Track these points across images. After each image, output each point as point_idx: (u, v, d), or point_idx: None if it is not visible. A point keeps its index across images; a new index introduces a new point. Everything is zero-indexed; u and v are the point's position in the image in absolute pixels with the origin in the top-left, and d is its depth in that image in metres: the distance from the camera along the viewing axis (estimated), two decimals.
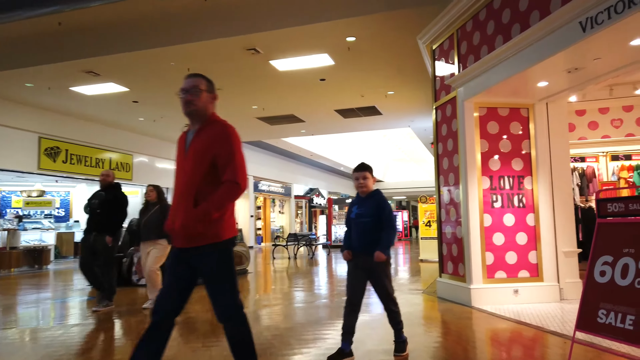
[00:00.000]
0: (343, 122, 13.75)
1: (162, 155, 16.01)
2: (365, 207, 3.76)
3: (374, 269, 3.70)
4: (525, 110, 6.07)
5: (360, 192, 3.85)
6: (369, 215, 3.69)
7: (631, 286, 2.82)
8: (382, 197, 3.81)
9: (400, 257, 14.71)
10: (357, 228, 3.78)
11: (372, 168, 3.94)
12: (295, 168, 24.68)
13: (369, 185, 3.81)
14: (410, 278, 9.03)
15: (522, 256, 5.87)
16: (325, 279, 9.38)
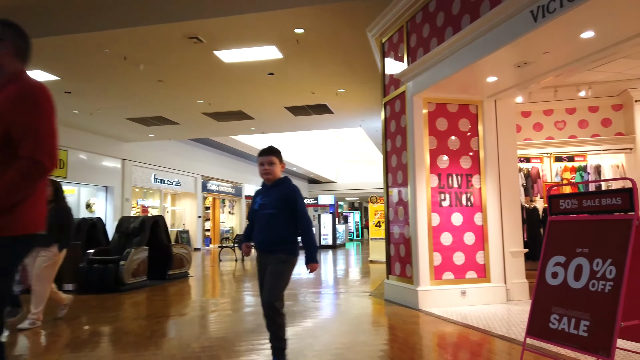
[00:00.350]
0: (294, 120, 13.36)
1: (101, 152, 14.99)
2: (270, 197, 3.28)
3: (270, 267, 3.26)
4: (475, 107, 5.90)
5: (266, 180, 3.36)
6: (273, 206, 3.22)
7: (585, 289, 2.59)
8: (292, 187, 3.33)
9: (351, 258, 14.46)
10: (260, 221, 3.29)
11: (280, 152, 3.43)
12: (247, 168, 24.03)
13: (275, 172, 3.32)
14: (359, 279, 8.74)
15: (470, 257, 5.69)
16: None
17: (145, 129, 14.06)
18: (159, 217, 9.04)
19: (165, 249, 9.03)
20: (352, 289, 7.39)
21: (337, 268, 11.39)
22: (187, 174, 19.25)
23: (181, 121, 13.27)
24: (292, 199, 3.24)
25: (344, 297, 6.56)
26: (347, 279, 9.03)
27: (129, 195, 16.07)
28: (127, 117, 12.71)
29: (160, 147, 17.51)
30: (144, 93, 10.54)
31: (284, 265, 3.24)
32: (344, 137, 25.36)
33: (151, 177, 17.28)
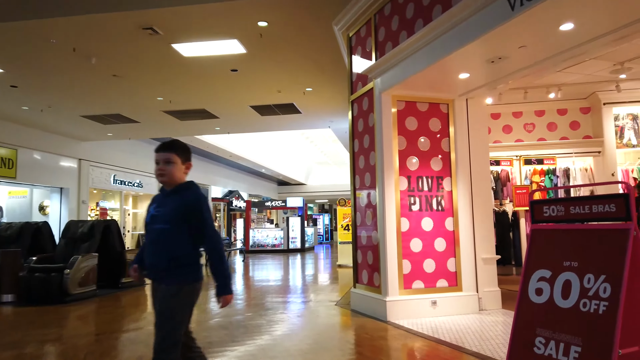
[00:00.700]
0: (260, 120, 12.84)
1: (55, 151, 14.07)
2: (165, 206, 2.51)
3: (160, 298, 2.46)
4: (445, 106, 5.58)
5: (162, 183, 2.61)
6: (165, 219, 2.46)
7: (575, 308, 2.24)
8: (196, 194, 2.55)
9: (319, 262, 14.04)
10: (149, 238, 2.53)
11: (184, 148, 2.65)
12: (213, 169, 23.29)
13: (172, 173, 2.53)
14: (327, 286, 8.32)
15: (441, 264, 5.34)
16: (233, 289, 8.40)
17: (102, 127, 13.26)
18: (111, 221, 8.37)
19: (118, 255, 8.37)
20: (318, 297, 6.96)
21: (304, 273, 10.94)
22: (149, 175, 18.41)
23: (141, 119, 12.55)
24: (194, 210, 2.47)
25: (308, 307, 6.12)
26: (314, 285, 8.59)
27: (85, 197, 15.17)
28: (82, 114, 11.92)
29: (121, 147, 16.65)
30: (98, 89, 9.83)
31: (174, 300, 2.41)
32: (314, 139, 24.97)
33: (110, 178, 16.40)
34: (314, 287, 8.35)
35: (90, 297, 7.45)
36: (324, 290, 7.78)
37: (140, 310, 6.40)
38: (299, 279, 9.67)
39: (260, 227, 18.89)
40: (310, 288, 8.19)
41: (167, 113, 11.94)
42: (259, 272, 11.24)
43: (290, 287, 8.32)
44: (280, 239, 18.33)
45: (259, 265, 13.29)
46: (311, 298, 6.92)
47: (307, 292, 7.72)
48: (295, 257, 16.16)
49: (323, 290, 7.78)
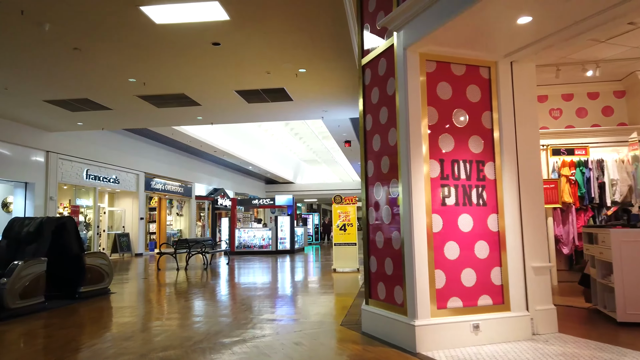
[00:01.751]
0: (247, 108, 11.42)
1: (18, 141, 12.45)
2: None
3: None
4: (486, 70, 4.25)
5: None
6: None
7: None
8: None
9: (311, 266, 12.65)
10: None
11: None
12: (198, 165, 21.76)
13: None
14: (324, 297, 6.94)
15: (483, 275, 4.02)
16: (212, 301, 6.97)
17: (70, 115, 11.69)
18: (66, 219, 6.87)
19: (75, 259, 6.89)
20: (316, 312, 5.58)
21: (296, 279, 9.54)
22: (127, 170, 16.83)
23: (113, 106, 11.03)
24: None
25: (306, 328, 4.74)
26: (309, 295, 7.21)
27: (54, 193, 13.56)
28: (45, 98, 10.37)
29: (94, 139, 15.06)
30: (59, 66, 8.31)
31: None
32: (303, 135, 23.60)
33: (83, 173, 14.80)
34: (310, 297, 6.98)
35: (37, 312, 5.97)
36: (322, 303, 6.40)
37: (98, 328, 4.96)
38: (290, 287, 8.28)
39: (246, 227, 17.43)
40: (305, 299, 6.81)
41: (142, 98, 10.45)
42: (245, 277, 9.82)
43: (280, 298, 6.93)
44: (268, 239, 16.91)
45: (245, 268, 11.87)
46: (308, 314, 5.54)
47: (301, 304, 6.34)
48: (285, 259, 14.75)
49: (321, 303, 6.41)
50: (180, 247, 11.80)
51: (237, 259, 14.94)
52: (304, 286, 8.23)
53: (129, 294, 7.55)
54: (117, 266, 13.13)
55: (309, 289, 7.89)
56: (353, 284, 8.36)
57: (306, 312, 5.68)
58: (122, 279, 9.70)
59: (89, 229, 15.59)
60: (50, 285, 6.71)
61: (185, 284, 8.86)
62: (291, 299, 6.84)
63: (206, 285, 8.63)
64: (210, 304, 6.50)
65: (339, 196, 10.51)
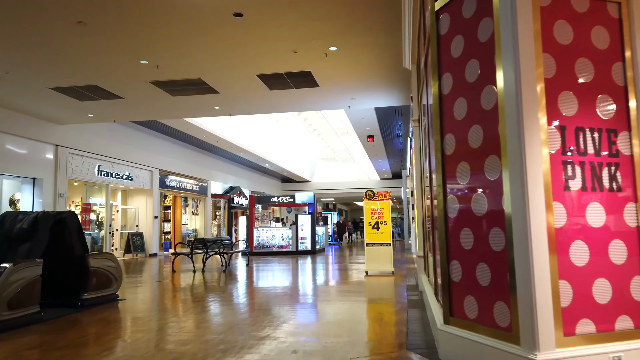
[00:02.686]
0: (268, 96, 10.35)
1: (25, 134, 11.54)
2: None
3: None
4: (615, 6, 3.09)
5: None
6: None
7: None
8: None
9: (335, 267, 11.52)
10: None
11: None
12: (213, 163, 20.78)
13: None
14: (362, 307, 5.80)
15: (621, 287, 2.85)
16: (234, 311, 5.88)
17: (79, 105, 10.73)
18: (67, 214, 5.83)
19: (77, 261, 5.85)
20: (362, 332, 4.45)
21: (324, 285, 8.42)
22: (140, 167, 15.88)
23: (124, 94, 10.03)
24: None
25: (361, 358, 3.61)
26: (346, 306, 6.08)
27: (63, 189, 12.63)
28: (51, 85, 9.40)
29: (106, 133, 14.12)
30: (63, 44, 7.30)
31: None
32: (321, 131, 22.51)
33: (94, 169, 13.87)
34: (349, 307, 5.85)
35: (30, 324, 4.94)
36: (367, 315, 5.27)
37: (101, 348, 3.89)
38: (322, 294, 7.16)
39: (265, 226, 16.37)
40: (345, 309, 5.69)
41: (156, 85, 9.43)
42: (267, 281, 8.73)
43: (314, 308, 5.81)
44: (288, 239, 15.81)
45: (266, 270, 10.78)
46: (356, 331, 4.42)
47: (343, 317, 5.22)
48: (306, 260, 13.65)
49: (365, 315, 5.28)
50: (197, 247, 10.75)
51: (256, 259, 13.87)
52: (338, 293, 7.10)
53: (140, 301, 6.49)
54: (131, 267, 12.14)
55: (345, 296, 6.76)
56: (393, 290, 7.22)
57: (352, 328, 4.56)
58: (134, 282, 8.67)
59: (102, 228, 14.66)
60: (47, 292, 5.69)
61: (202, 288, 7.79)
62: (326, 312, 5.71)
63: (225, 290, 7.55)
64: (232, 315, 5.41)
65: (371, 191, 9.37)
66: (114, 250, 15.70)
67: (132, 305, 6.14)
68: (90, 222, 14.17)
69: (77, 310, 5.72)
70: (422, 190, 6.82)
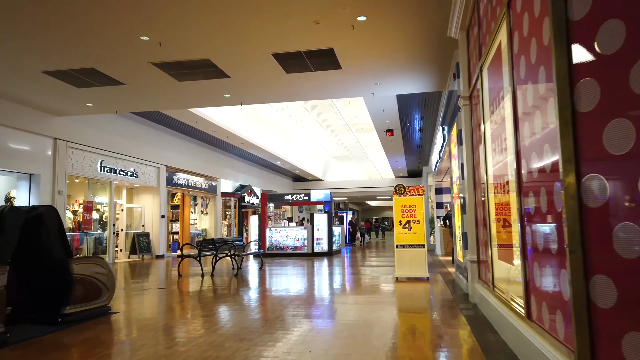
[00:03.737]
0: (285, 80, 9.18)
1: (20, 126, 10.48)
2: None
3: None
4: None
5: None
6: None
7: None
8: None
9: (359, 271, 10.30)
10: None
11: None
12: (223, 160, 19.68)
13: None
14: (408, 322, 4.59)
15: None
16: (250, 326, 4.69)
17: (77, 92, 9.65)
18: (44, 209, 4.67)
19: (57, 267, 4.71)
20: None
21: (353, 293, 7.21)
22: (146, 163, 14.80)
23: (125, 79, 8.91)
24: None
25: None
26: (391, 323, 4.87)
27: (62, 186, 11.57)
28: (43, 69, 8.31)
29: (109, 127, 13.06)
30: (53, 19, 6.19)
31: None
32: (335, 127, 21.33)
33: (97, 165, 12.80)
34: (394, 323, 4.64)
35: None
36: (424, 336, 4.06)
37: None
38: (354, 304, 5.95)
39: (278, 226, 15.21)
40: (390, 327, 4.48)
41: (159, 67, 8.30)
42: (282, 287, 7.54)
43: (343, 330, 4.61)
44: (303, 239, 14.63)
45: (282, 275, 9.61)
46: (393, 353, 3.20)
47: (394, 340, 4.01)
48: (323, 262, 12.45)
49: (422, 337, 4.07)
50: (206, 248, 9.60)
51: (269, 262, 12.70)
52: (373, 305, 5.89)
53: (137, 315, 5.33)
54: (134, 270, 11.04)
55: (382, 308, 5.55)
56: (435, 301, 6.00)
57: (418, 356, 3.35)
58: (134, 289, 7.54)
59: (105, 228, 13.59)
60: (19, 305, 4.55)
61: (211, 297, 6.62)
62: (372, 329, 4.50)
63: (237, 298, 6.37)
64: (247, 334, 4.22)
65: (402, 185, 8.14)
66: (118, 252, 14.64)
67: (127, 321, 4.98)
68: (93, 222, 13.10)
69: (57, 328, 4.57)
70: (474, 182, 5.60)
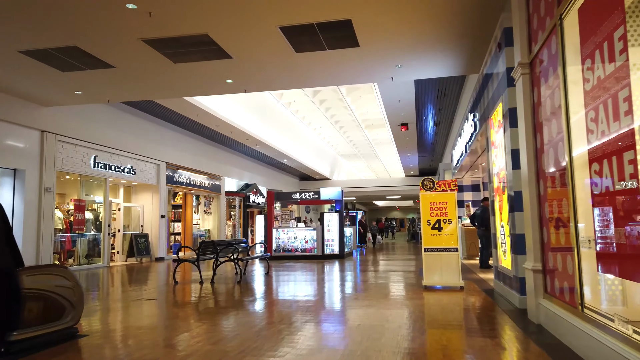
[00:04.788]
0: (294, 61, 8.00)
1: (3, 117, 9.41)
2: None
3: None
4: None
5: None
6: None
7: None
8: None
9: (378, 277, 9.08)
10: None
11: None
12: (227, 157, 18.54)
13: None
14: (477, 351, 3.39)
15: None
16: (255, 354, 3.50)
17: (62, 77, 8.52)
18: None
19: (1, 279, 3.55)
20: None
21: (380, 307, 6.00)
22: (145, 159, 13.67)
23: (114, 61, 7.77)
24: None
25: None
26: (448, 354, 3.66)
27: (51, 183, 10.46)
28: (20, 48, 7.20)
29: (103, 119, 11.95)
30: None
31: None
32: (344, 124, 20.13)
33: (90, 160, 11.68)
34: (452, 353, 3.44)
35: None
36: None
37: None
38: (386, 321, 4.75)
39: (286, 227, 14.03)
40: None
41: (151, 45, 7.14)
42: (292, 297, 6.35)
43: (371, 353, 3.41)
44: (313, 241, 13.43)
45: (289, 281, 8.43)
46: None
47: None
48: (335, 266, 11.26)
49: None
50: (205, 251, 8.43)
51: (276, 265, 11.52)
52: (407, 322, 4.69)
53: (113, 339, 4.16)
54: (127, 275, 9.90)
55: (420, 328, 4.34)
56: (481, 317, 4.79)
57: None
58: (119, 300, 6.38)
59: (100, 228, 12.46)
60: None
61: (210, 311, 5.43)
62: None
63: (240, 311, 5.18)
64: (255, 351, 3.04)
65: (430, 179, 6.94)
66: (115, 254, 13.52)
67: (99, 348, 3.80)
68: (86, 222, 11.98)
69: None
70: (537, 172, 4.40)
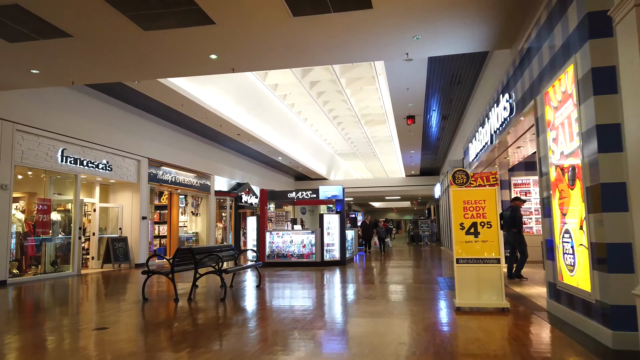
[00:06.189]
0: (291, 29, 6.46)
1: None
2: None
3: None
4: None
5: None
6: None
7: None
8: None
9: (389, 290, 7.54)
10: None
11: None
12: (217, 154, 16.96)
13: None
14: None
15: None
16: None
17: (11, 50, 6.92)
18: None
19: None
20: None
21: (381, 332, 4.46)
22: (123, 154, 12.07)
23: (69, 26, 6.17)
24: None
25: None
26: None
27: (7, 179, 8.84)
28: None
29: (74, 108, 10.34)
30: None
31: None
32: (343, 119, 18.62)
33: (57, 154, 10.07)
34: None
35: None
36: None
37: None
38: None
39: (281, 229, 12.48)
40: None
41: (112, 4, 5.57)
42: (289, 320, 4.79)
43: None
44: (310, 246, 11.89)
45: (284, 297, 6.88)
46: None
47: None
48: (336, 274, 9.72)
49: None
50: (182, 261, 6.83)
51: (270, 274, 9.96)
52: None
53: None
54: (97, 286, 8.27)
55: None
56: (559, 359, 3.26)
57: None
58: (56, 329, 4.78)
59: (67, 231, 10.83)
60: None
61: (180, 345, 3.84)
62: None
63: (218, 341, 3.61)
64: None
65: (463, 172, 5.43)
66: (89, 260, 11.88)
67: None
68: (53, 224, 10.35)
69: None
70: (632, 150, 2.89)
